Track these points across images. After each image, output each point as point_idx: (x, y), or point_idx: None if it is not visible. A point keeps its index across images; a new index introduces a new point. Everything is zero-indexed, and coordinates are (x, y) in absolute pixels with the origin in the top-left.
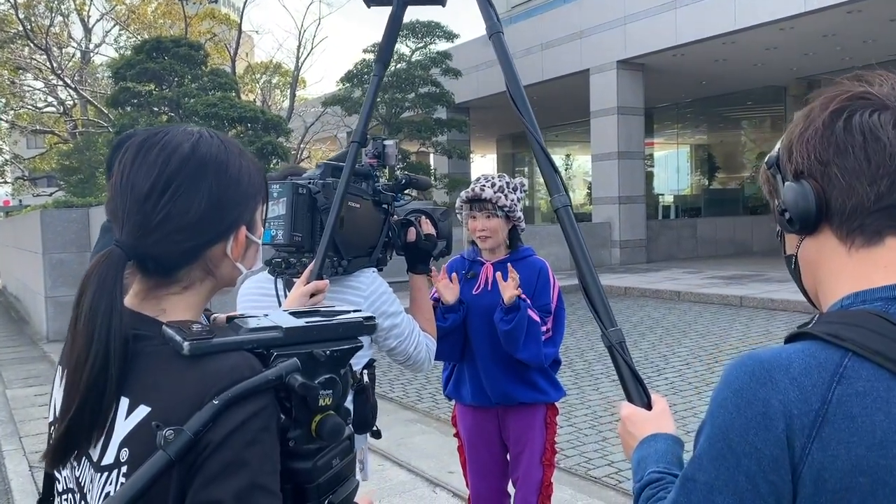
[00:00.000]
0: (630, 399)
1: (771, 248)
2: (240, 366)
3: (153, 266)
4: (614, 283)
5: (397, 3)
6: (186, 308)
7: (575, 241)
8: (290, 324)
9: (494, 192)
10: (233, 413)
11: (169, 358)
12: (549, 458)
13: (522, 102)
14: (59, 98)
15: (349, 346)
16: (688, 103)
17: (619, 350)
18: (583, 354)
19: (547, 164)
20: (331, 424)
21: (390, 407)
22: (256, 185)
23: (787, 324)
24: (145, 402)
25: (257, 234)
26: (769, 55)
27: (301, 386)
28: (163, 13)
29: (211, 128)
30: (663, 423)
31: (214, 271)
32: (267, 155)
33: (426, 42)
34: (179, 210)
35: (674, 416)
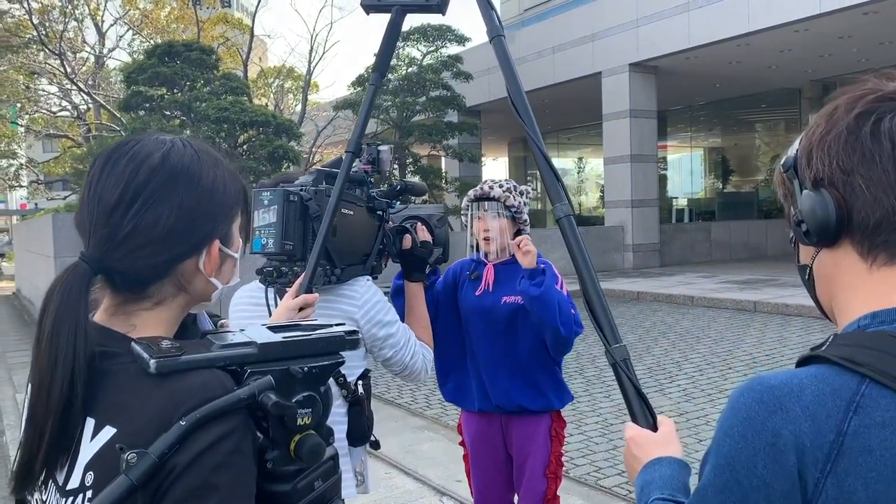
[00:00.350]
0: (635, 420)
1: (785, 253)
2: (210, 384)
3: (121, 281)
4: (627, 287)
5: (396, 11)
6: (158, 324)
7: (578, 252)
8: (266, 339)
9: (502, 192)
10: (201, 435)
11: (136, 376)
12: (554, 470)
13: (524, 107)
14: (73, 102)
15: (329, 362)
16: (701, 106)
17: (623, 368)
18: (594, 361)
19: (548, 172)
20: (310, 445)
21: (398, 413)
22: (232, 197)
23: (802, 329)
24: (111, 423)
25: (234, 248)
26: (784, 57)
27: (275, 405)
28: (176, 18)
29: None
30: (670, 446)
31: (187, 287)
32: (278, 159)
33: (437, 46)
34: (147, 223)
35: (686, 424)
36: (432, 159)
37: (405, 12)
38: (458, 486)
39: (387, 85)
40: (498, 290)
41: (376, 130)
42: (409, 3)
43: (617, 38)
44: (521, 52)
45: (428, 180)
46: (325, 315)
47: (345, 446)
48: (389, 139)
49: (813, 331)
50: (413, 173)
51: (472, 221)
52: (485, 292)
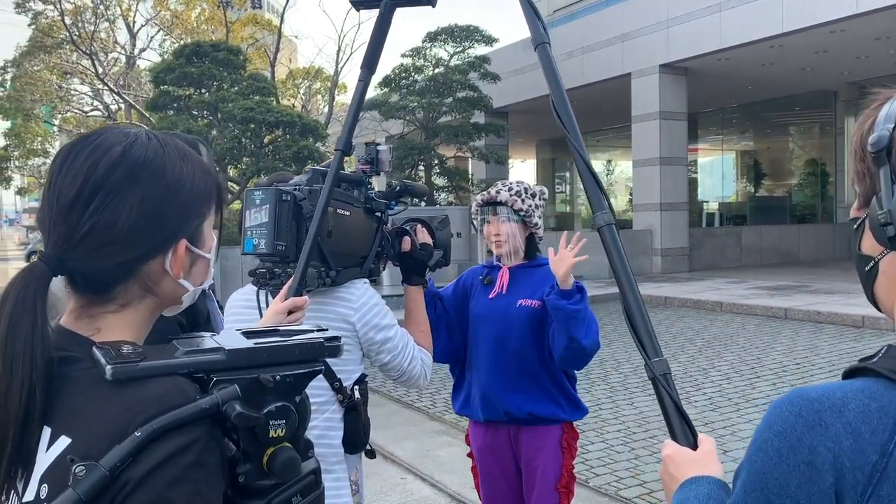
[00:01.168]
0: (674, 437)
1: (818, 259)
2: (171, 393)
3: (83, 282)
4: (654, 292)
5: (385, 5)
6: (125, 327)
7: (619, 261)
8: (236, 345)
9: (510, 196)
10: (158, 447)
11: (96, 383)
12: (565, 484)
13: (567, 115)
14: (105, 102)
15: (305, 370)
16: (733, 108)
17: (663, 383)
18: (619, 367)
19: (590, 179)
20: (283, 459)
21: (417, 417)
22: (203, 194)
23: (834, 338)
24: (67, 433)
25: (205, 248)
26: (818, 59)
27: (238, 416)
28: (206, 19)
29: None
30: (709, 465)
31: (154, 289)
32: (304, 159)
33: (465, 46)
34: (107, 221)
35: (711, 434)
36: (459, 161)
37: (395, 6)
38: (475, 494)
39: (413, 86)
40: (512, 293)
41: (403, 131)
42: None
43: (647, 39)
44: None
45: (454, 182)
46: (320, 318)
47: (341, 453)
48: (415, 140)
49: (846, 339)
50: (439, 175)
51: (482, 226)
52: (498, 295)
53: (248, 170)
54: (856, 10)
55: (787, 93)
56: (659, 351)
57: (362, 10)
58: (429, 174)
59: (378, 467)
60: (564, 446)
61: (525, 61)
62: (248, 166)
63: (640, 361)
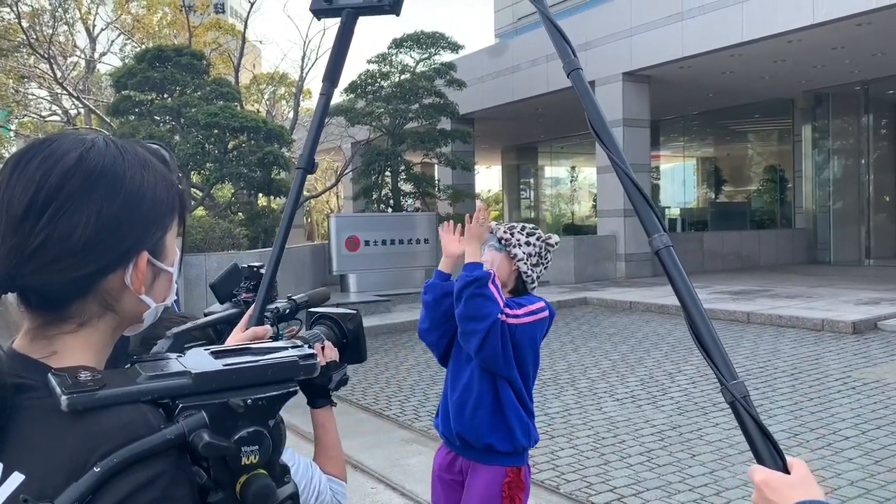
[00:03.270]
0: (761, 461)
1: (778, 263)
2: (133, 423)
3: (37, 300)
4: (619, 297)
5: (347, 14)
6: (86, 349)
7: (682, 284)
8: (203, 367)
9: (497, 225)
10: (119, 482)
11: (51, 413)
12: None
13: (608, 137)
14: (63, 107)
15: (279, 392)
16: (694, 116)
17: (744, 405)
18: (586, 372)
19: (641, 202)
20: (257, 487)
21: (386, 425)
22: (164, 204)
23: (794, 341)
24: (20, 469)
25: (168, 262)
26: (777, 68)
27: (206, 446)
28: (168, 23)
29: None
30: (810, 489)
31: (114, 305)
32: (268, 165)
33: (430, 53)
34: (61, 233)
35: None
36: (425, 167)
37: (357, 15)
38: None
39: (379, 92)
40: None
41: (369, 137)
42: (361, 4)
43: (610, 47)
44: (515, 60)
45: (421, 188)
46: None
47: None
48: (382, 146)
49: (806, 342)
50: (406, 180)
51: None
52: None
53: (211, 175)
54: (813, 21)
55: (746, 100)
56: (735, 373)
57: (322, 18)
58: (395, 180)
59: (348, 476)
60: (506, 493)
61: (490, 69)
62: (211, 172)
63: (608, 367)
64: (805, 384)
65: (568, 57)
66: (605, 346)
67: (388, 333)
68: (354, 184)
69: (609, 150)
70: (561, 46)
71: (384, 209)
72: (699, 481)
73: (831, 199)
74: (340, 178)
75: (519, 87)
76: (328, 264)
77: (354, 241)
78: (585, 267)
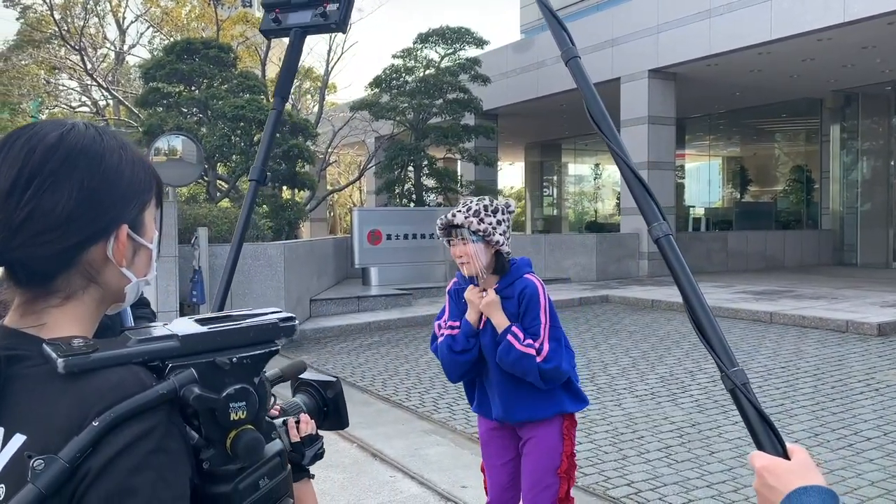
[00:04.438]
0: (761, 447)
1: (803, 264)
2: (126, 381)
3: (24, 274)
4: (641, 295)
5: (294, 33)
6: (73, 321)
7: (681, 273)
8: (189, 331)
9: (466, 218)
10: (116, 435)
11: (47, 379)
12: (565, 470)
13: (608, 127)
14: (93, 98)
15: (262, 350)
16: (721, 114)
17: (744, 392)
18: (606, 368)
19: (641, 191)
20: (246, 440)
21: (406, 416)
22: (142, 183)
23: (818, 342)
24: (21, 431)
25: (147, 238)
26: (806, 66)
27: (196, 398)
28: (196, 16)
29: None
30: (810, 474)
31: (97, 278)
32: (293, 158)
33: (455, 48)
34: (45, 207)
35: (698, 436)
36: (448, 162)
37: (305, 34)
38: (464, 492)
39: (404, 86)
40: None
41: (393, 132)
42: (308, 24)
43: (637, 44)
44: (540, 56)
45: (443, 183)
46: None
47: None
48: (405, 141)
49: (830, 343)
50: (428, 175)
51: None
52: (486, 320)
53: (237, 167)
54: (843, 19)
55: (774, 100)
56: (735, 361)
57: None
58: (418, 175)
59: (367, 466)
60: (564, 434)
61: (515, 64)
62: (237, 164)
63: (627, 364)
64: (828, 385)
65: (566, 45)
66: (625, 344)
67: (409, 326)
68: (377, 178)
69: (608, 139)
70: (559, 34)
71: (406, 203)
72: (717, 478)
73: (859, 201)
74: (364, 173)
75: (544, 84)
76: (350, 257)
77: (377, 234)
78: (608, 265)
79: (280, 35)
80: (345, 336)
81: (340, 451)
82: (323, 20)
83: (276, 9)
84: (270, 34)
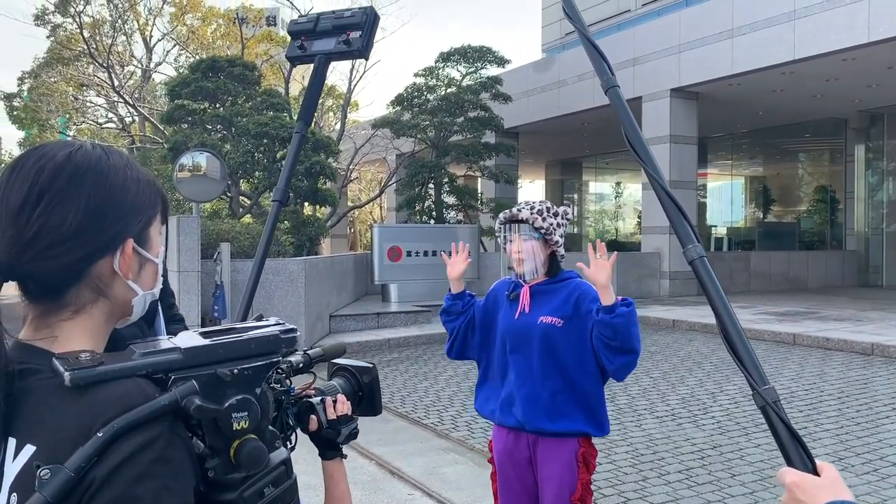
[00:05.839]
0: (791, 463)
1: (827, 286)
2: (130, 393)
3: (35, 288)
4: (662, 315)
5: (319, 60)
6: (83, 335)
7: (715, 293)
8: (192, 344)
9: (531, 214)
10: (120, 445)
11: (56, 392)
12: (581, 497)
13: (644, 151)
14: (119, 115)
15: (263, 362)
16: (743, 134)
17: (775, 409)
18: (626, 388)
19: (676, 213)
20: (248, 450)
21: (425, 434)
22: (148, 200)
23: (843, 365)
24: (31, 442)
25: (153, 252)
26: (830, 86)
27: (197, 409)
28: (221, 35)
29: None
30: (840, 490)
31: (105, 291)
32: (315, 175)
33: (477, 67)
34: (54, 222)
35: (720, 458)
36: (468, 179)
37: (329, 61)
38: None
39: (425, 104)
40: (535, 311)
41: (414, 149)
42: (332, 51)
43: (659, 63)
44: (562, 75)
45: (463, 200)
46: None
47: None
48: (426, 158)
49: (854, 366)
50: (449, 193)
51: (505, 243)
52: (521, 314)
53: (260, 184)
54: (868, 39)
55: (797, 119)
56: (766, 379)
57: (297, 65)
58: (438, 192)
59: (385, 483)
60: (581, 460)
61: (536, 83)
62: (260, 180)
63: (648, 385)
64: (852, 409)
65: (606, 74)
66: (646, 364)
67: (428, 344)
68: (398, 195)
69: (644, 163)
70: (598, 64)
71: (427, 220)
72: (739, 501)
73: (884, 222)
74: (384, 189)
75: (565, 102)
76: (370, 274)
77: (397, 251)
78: (628, 284)
79: (305, 62)
80: (364, 352)
81: (359, 468)
82: (346, 47)
83: (302, 36)
84: (296, 61)
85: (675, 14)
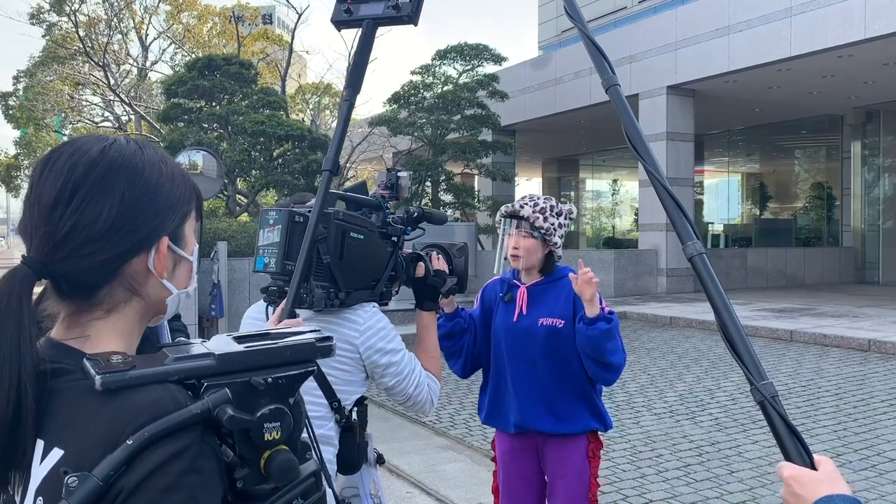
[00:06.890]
0: (788, 457)
1: (823, 282)
2: (161, 400)
3: (68, 287)
4: (659, 312)
5: (367, 24)
6: (115, 335)
7: (714, 289)
8: (226, 350)
9: (533, 212)
10: (150, 454)
11: (87, 394)
12: (594, 492)
13: (644, 150)
14: (115, 113)
15: (298, 371)
16: (740, 130)
17: (772, 404)
18: (624, 386)
19: (676, 210)
20: (280, 461)
21: (423, 432)
22: (182, 196)
23: (839, 361)
24: (59, 445)
25: (188, 250)
26: (826, 83)
27: (229, 419)
28: (218, 33)
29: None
30: (837, 484)
31: (139, 290)
32: (313, 173)
33: (473, 65)
34: (88, 219)
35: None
36: (465, 177)
37: (376, 25)
38: None
39: (422, 102)
40: (532, 313)
41: (411, 147)
42: (380, 15)
43: (655, 61)
44: (558, 72)
45: (461, 198)
46: None
47: (334, 469)
48: (423, 156)
49: (851, 362)
50: (446, 191)
51: (503, 236)
52: (519, 316)
53: (257, 182)
54: (864, 36)
55: (794, 116)
56: (764, 374)
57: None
58: (436, 190)
59: (384, 481)
60: (591, 455)
61: (533, 80)
62: (257, 179)
63: (646, 382)
64: (850, 405)
65: (606, 73)
66: (643, 361)
67: None
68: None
69: (644, 161)
70: (599, 63)
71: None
72: (737, 497)
73: (881, 218)
74: None
75: (561, 100)
76: None
77: None
78: (625, 281)
79: (351, 26)
80: None
81: None
82: (395, 12)
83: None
84: (341, 25)
85: (671, 11)
